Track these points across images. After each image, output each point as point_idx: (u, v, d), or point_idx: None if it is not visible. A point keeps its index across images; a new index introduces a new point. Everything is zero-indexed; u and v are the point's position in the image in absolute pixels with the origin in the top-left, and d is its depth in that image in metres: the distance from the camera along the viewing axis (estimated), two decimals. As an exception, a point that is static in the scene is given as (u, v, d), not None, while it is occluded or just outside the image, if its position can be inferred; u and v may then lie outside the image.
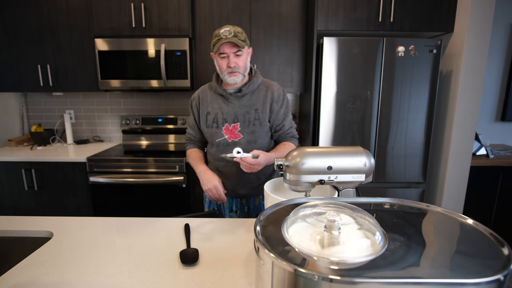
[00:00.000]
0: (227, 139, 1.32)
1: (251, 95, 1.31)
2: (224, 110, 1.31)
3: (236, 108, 1.30)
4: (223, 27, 1.21)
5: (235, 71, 1.23)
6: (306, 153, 0.82)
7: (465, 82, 2.02)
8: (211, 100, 1.35)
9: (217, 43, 1.19)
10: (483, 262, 0.45)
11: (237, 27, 1.22)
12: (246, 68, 1.28)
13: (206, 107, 1.35)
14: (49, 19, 2.26)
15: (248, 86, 1.30)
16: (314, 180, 0.82)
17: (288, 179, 0.84)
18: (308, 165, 0.81)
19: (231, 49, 1.20)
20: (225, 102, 1.32)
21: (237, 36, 1.19)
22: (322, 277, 0.41)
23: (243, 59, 1.25)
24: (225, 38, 1.17)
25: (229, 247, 0.92)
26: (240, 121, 1.30)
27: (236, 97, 1.30)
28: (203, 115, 1.36)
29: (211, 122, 1.34)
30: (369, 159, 0.83)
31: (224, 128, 1.32)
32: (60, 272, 0.80)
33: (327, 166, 0.81)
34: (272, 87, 1.33)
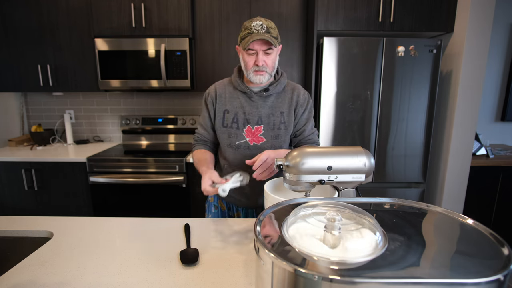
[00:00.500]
0: (249, 143, 1.19)
1: (277, 96, 1.20)
2: (247, 109, 1.18)
3: (260, 108, 1.17)
4: (254, 19, 1.07)
5: (262, 70, 1.10)
6: (306, 153, 0.82)
7: (465, 82, 2.02)
8: (230, 97, 1.20)
9: (246, 37, 1.06)
10: (483, 262, 0.45)
11: (270, 21, 1.09)
12: (275, 68, 1.16)
13: (224, 104, 1.20)
14: (49, 19, 2.26)
15: (275, 86, 1.18)
16: (314, 180, 0.82)
17: (288, 179, 0.84)
18: (308, 165, 0.81)
19: (261, 46, 1.07)
20: (247, 101, 1.18)
21: (270, 32, 1.07)
22: (322, 277, 0.41)
23: (273, 58, 1.12)
24: (257, 33, 1.04)
25: (229, 247, 0.92)
26: (264, 124, 1.18)
27: (261, 96, 1.18)
28: (220, 112, 1.21)
29: (230, 122, 1.19)
30: (369, 159, 0.83)
31: (245, 129, 1.18)
32: (60, 272, 0.80)
33: (327, 166, 0.81)
34: (298, 90, 1.23)
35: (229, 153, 1.21)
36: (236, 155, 1.20)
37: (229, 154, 1.21)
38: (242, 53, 1.12)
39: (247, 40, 1.05)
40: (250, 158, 1.17)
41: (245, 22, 1.10)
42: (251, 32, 1.05)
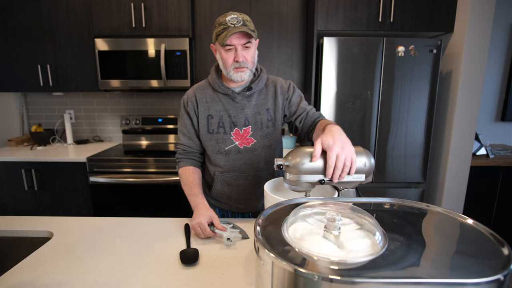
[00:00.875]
0: (239, 146, 1.13)
1: (259, 93, 1.15)
2: (231, 112, 1.12)
3: (245, 109, 1.12)
4: (228, 14, 1.02)
5: (243, 67, 1.04)
6: (306, 153, 0.82)
7: (465, 82, 2.02)
8: (211, 101, 1.13)
9: (223, 32, 1.00)
10: (483, 262, 0.45)
11: (244, 15, 1.04)
12: (255, 63, 1.09)
13: (207, 109, 1.13)
14: (49, 19, 2.26)
15: (257, 83, 1.13)
16: (314, 180, 0.82)
17: (288, 179, 0.84)
18: (308, 165, 0.80)
19: (239, 40, 1.01)
20: (231, 103, 1.12)
21: (246, 25, 1.01)
22: (322, 277, 0.41)
23: (252, 53, 1.06)
24: (234, 27, 0.99)
25: (229, 247, 0.92)
26: (252, 124, 1.13)
27: (244, 96, 1.12)
28: (203, 119, 1.13)
29: (215, 127, 1.12)
30: (369, 159, 0.83)
31: (233, 133, 1.13)
32: (60, 272, 0.80)
33: None
34: (279, 82, 1.18)
35: (219, 159, 1.15)
36: (227, 161, 1.14)
37: (220, 161, 1.15)
38: (219, 50, 1.06)
39: (224, 35, 0.99)
40: (242, 162, 1.14)
41: (218, 18, 1.04)
42: (227, 27, 0.99)
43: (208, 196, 1.24)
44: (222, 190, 1.18)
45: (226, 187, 1.17)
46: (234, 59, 1.03)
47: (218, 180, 1.17)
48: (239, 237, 0.97)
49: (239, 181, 1.16)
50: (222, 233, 0.95)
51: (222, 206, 1.24)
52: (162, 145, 2.57)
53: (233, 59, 1.04)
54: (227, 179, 1.16)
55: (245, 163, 1.15)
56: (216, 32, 1.04)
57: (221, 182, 1.17)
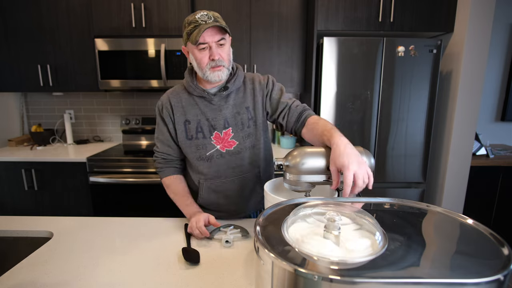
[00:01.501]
0: (220, 150, 1.07)
1: (237, 92, 1.09)
2: (209, 115, 1.06)
3: (224, 110, 1.06)
4: (197, 12, 0.96)
5: (219, 65, 0.99)
6: (306, 153, 0.82)
7: (465, 82, 2.02)
8: (187, 105, 1.07)
9: (194, 30, 0.95)
10: (483, 262, 0.45)
11: (214, 12, 0.99)
12: (231, 61, 1.04)
13: (183, 114, 1.07)
14: (49, 19, 2.26)
15: (234, 82, 1.07)
16: (314, 180, 0.82)
17: (288, 179, 0.84)
18: (308, 165, 0.80)
19: (213, 37, 0.96)
20: (208, 106, 1.07)
21: (218, 22, 0.96)
22: (322, 277, 0.41)
23: (227, 50, 1.01)
24: (205, 23, 0.93)
25: (229, 247, 0.92)
26: (232, 125, 1.07)
27: (221, 97, 1.06)
28: (180, 125, 1.08)
29: (194, 133, 1.07)
30: (369, 159, 0.83)
31: (213, 137, 1.07)
32: (60, 272, 0.80)
33: (327, 166, 0.81)
34: (257, 77, 1.12)
35: (202, 166, 1.09)
36: (210, 167, 1.09)
37: (203, 168, 1.09)
38: (192, 51, 1.01)
39: (196, 33, 0.93)
40: (225, 166, 1.09)
41: (187, 17, 0.99)
42: (198, 24, 0.94)
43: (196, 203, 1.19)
44: (209, 198, 1.13)
45: (213, 194, 1.12)
46: (209, 57, 0.98)
47: (204, 188, 1.12)
48: (239, 236, 0.97)
49: (225, 186, 1.11)
50: (221, 236, 0.95)
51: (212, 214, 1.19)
52: (162, 145, 2.57)
53: (209, 58, 0.98)
54: (213, 186, 1.11)
55: (229, 167, 1.09)
56: (186, 31, 0.98)
57: (207, 190, 1.12)
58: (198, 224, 0.95)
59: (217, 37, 0.97)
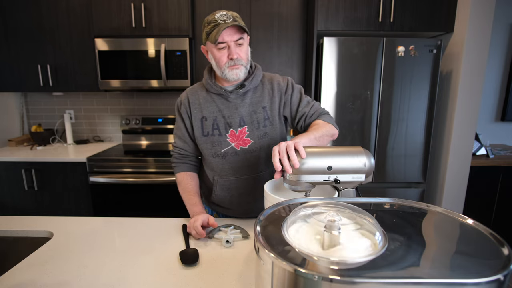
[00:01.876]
0: (235, 148, 1.08)
1: (254, 91, 1.09)
2: (225, 112, 1.08)
3: (239, 108, 1.07)
4: (217, 12, 0.98)
5: (238, 64, 1.00)
6: (306, 153, 0.82)
7: (465, 82, 2.02)
8: (205, 102, 1.09)
9: (213, 29, 0.96)
10: (483, 262, 0.45)
11: (233, 12, 1.00)
12: (249, 60, 1.05)
13: (200, 111, 1.09)
14: (49, 19, 2.26)
15: (251, 80, 1.07)
16: (314, 180, 0.82)
17: (288, 179, 0.84)
18: (308, 165, 0.80)
19: (231, 36, 0.97)
20: (224, 103, 1.08)
21: (237, 21, 0.97)
22: (322, 277, 0.41)
23: (245, 49, 1.02)
24: (225, 23, 0.95)
25: (229, 247, 0.92)
26: (248, 124, 1.07)
27: (237, 95, 1.07)
28: (197, 121, 1.10)
29: (210, 129, 1.08)
30: (369, 159, 0.83)
31: (229, 134, 1.08)
32: (60, 272, 0.80)
33: (327, 166, 0.81)
34: (277, 78, 1.12)
35: (216, 163, 1.11)
36: (224, 164, 1.10)
37: (217, 164, 1.11)
38: (211, 50, 1.02)
39: (215, 32, 0.95)
40: (240, 164, 1.11)
41: (206, 17, 1.00)
42: (217, 24, 0.95)
43: (209, 202, 1.21)
44: (222, 195, 1.14)
45: (226, 192, 1.13)
46: (228, 57, 1.00)
47: (218, 185, 1.13)
48: (239, 237, 0.97)
49: (238, 185, 1.11)
50: (221, 236, 0.95)
51: (224, 212, 1.21)
52: (162, 145, 2.57)
53: (227, 57, 1.00)
54: (226, 183, 1.12)
55: (243, 165, 1.10)
56: (206, 31, 0.99)
57: (221, 187, 1.13)
58: (194, 224, 0.96)
59: (236, 37, 0.98)
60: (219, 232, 1.00)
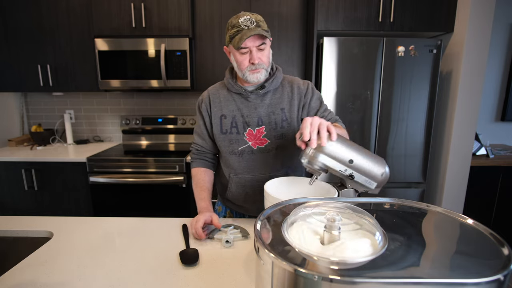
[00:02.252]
0: (252, 147, 1.10)
1: (274, 92, 1.12)
2: (244, 111, 1.10)
3: (258, 108, 1.09)
4: (241, 15, 0.98)
5: (259, 68, 1.03)
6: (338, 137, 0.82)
7: (465, 82, 2.02)
8: (225, 101, 1.12)
9: (237, 35, 0.97)
10: (483, 262, 0.45)
11: (257, 15, 1.00)
12: (270, 62, 1.07)
13: (220, 109, 1.12)
14: (49, 19, 2.26)
15: (272, 82, 1.09)
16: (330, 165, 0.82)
17: (307, 152, 0.83)
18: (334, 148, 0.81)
19: (254, 42, 0.98)
20: (244, 103, 1.10)
21: (260, 26, 0.98)
22: (322, 277, 0.41)
23: (267, 53, 1.04)
24: (248, 29, 0.96)
25: (229, 247, 0.92)
26: (265, 124, 1.10)
27: (257, 95, 1.09)
28: (216, 119, 1.12)
29: (229, 127, 1.11)
30: (387, 172, 0.84)
31: (246, 133, 1.10)
32: (60, 272, 0.80)
33: (349, 159, 0.81)
34: (297, 82, 1.14)
35: (233, 160, 1.13)
36: (241, 162, 1.12)
37: (234, 162, 1.13)
38: (233, 53, 1.04)
39: (238, 38, 0.96)
40: (256, 163, 1.12)
41: (230, 19, 1.01)
42: (240, 29, 0.97)
43: (224, 198, 1.22)
44: (237, 192, 1.16)
45: (241, 189, 1.14)
46: (249, 61, 1.02)
47: (233, 183, 1.15)
48: (239, 236, 0.97)
49: (253, 183, 1.13)
50: (221, 237, 0.95)
51: (237, 210, 1.21)
52: (162, 145, 2.57)
53: (249, 62, 1.02)
54: (242, 181, 1.14)
55: (259, 164, 1.12)
56: (229, 34, 1.00)
57: (236, 184, 1.15)
58: (196, 225, 0.96)
59: (258, 42, 1.00)
60: (219, 232, 1.00)
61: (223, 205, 1.26)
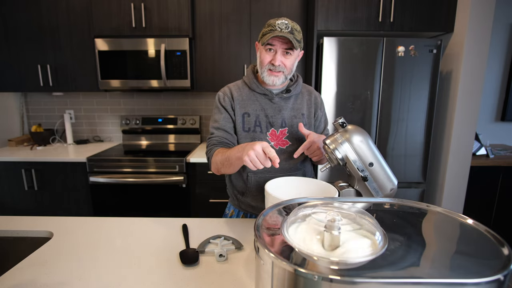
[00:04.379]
0: (274, 147, 1.13)
1: (296, 98, 1.16)
2: (269, 112, 1.12)
3: (283, 111, 1.13)
4: (281, 18, 1.02)
5: (279, 71, 1.05)
6: (368, 137, 0.85)
7: (465, 82, 2.02)
8: (248, 99, 1.13)
9: (268, 33, 1.00)
10: (483, 262, 0.45)
11: (296, 24, 1.03)
12: (292, 71, 1.09)
13: (243, 107, 1.12)
14: (49, 19, 2.26)
15: (295, 87, 1.15)
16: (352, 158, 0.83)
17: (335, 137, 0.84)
18: (363, 143, 0.82)
19: (281, 44, 1.02)
20: (268, 104, 1.13)
21: (293, 34, 1.00)
22: (322, 277, 0.41)
23: (292, 61, 1.06)
24: (280, 31, 0.99)
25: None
26: (288, 126, 1.13)
27: (281, 98, 1.13)
28: (239, 116, 1.12)
29: (252, 126, 1.12)
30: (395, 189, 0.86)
31: (269, 133, 1.12)
32: (60, 272, 0.80)
33: (370, 162, 0.82)
34: (314, 92, 1.21)
35: None
36: None
37: None
38: (260, 49, 1.07)
39: (268, 35, 1.00)
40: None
41: (270, 20, 1.04)
42: (274, 29, 1.00)
43: (240, 201, 1.20)
44: (256, 192, 1.15)
45: (261, 188, 1.13)
46: (271, 61, 1.04)
47: (252, 181, 1.14)
48: (233, 248, 0.91)
49: None
50: (212, 250, 0.88)
51: (254, 211, 1.19)
52: (162, 145, 2.57)
53: (270, 61, 1.04)
54: (261, 180, 1.12)
55: (280, 163, 1.08)
56: (262, 31, 1.05)
57: (255, 183, 1.13)
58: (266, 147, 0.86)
59: (285, 46, 1.02)
60: (209, 244, 0.93)
61: (237, 209, 1.24)
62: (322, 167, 0.92)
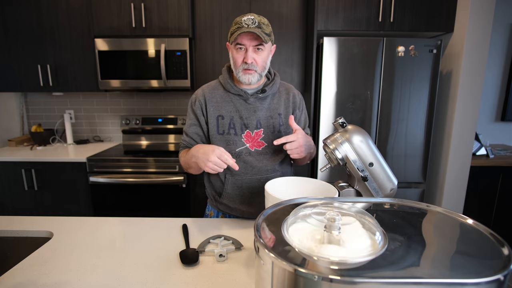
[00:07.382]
0: (249, 148, 1.11)
1: (272, 97, 1.14)
2: (243, 113, 1.10)
3: (258, 111, 1.10)
4: (246, 14, 1.00)
5: (251, 69, 1.03)
6: (369, 137, 0.85)
7: (465, 82, 2.02)
8: (222, 101, 1.11)
9: (235, 31, 0.99)
10: (483, 262, 0.45)
11: (263, 17, 1.01)
12: (265, 67, 1.08)
13: (217, 109, 1.11)
14: (49, 19, 2.26)
15: (271, 86, 1.12)
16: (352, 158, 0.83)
17: (335, 137, 0.84)
18: (363, 143, 0.82)
19: (251, 41, 1.00)
20: (243, 104, 1.10)
21: (261, 28, 0.99)
22: (322, 277, 0.41)
23: (263, 57, 1.04)
24: (247, 27, 0.97)
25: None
26: (264, 127, 1.11)
27: (257, 98, 1.11)
28: (213, 119, 1.11)
29: (226, 128, 1.10)
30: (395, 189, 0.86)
31: (244, 135, 1.11)
32: (60, 272, 0.80)
33: (370, 162, 0.82)
34: (292, 91, 1.18)
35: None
36: (238, 163, 1.08)
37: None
38: (231, 49, 1.05)
39: (236, 34, 0.98)
40: (253, 165, 1.11)
41: (236, 18, 1.03)
42: (240, 26, 0.98)
43: (218, 202, 1.19)
44: (233, 193, 1.14)
45: (237, 190, 1.13)
46: (243, 60, 1.03)
47: (229, 184, 1.13)
48: (233, 248, 0.91)
49: (250, 184, 1.12)
50: (212, 249, 0.88)
51: (232, 212, 1.18)
52: (162, 145, 2.57)
53: (242, 60, 1.03)
54: (238, 182, 1.12)
55: (256, 165, 1.12)
56: (230, 30, 1.03)
57: (232, 185, 1.13)
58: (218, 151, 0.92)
59: (255, 42, 1.01)
60: (208, 245, 0.93)
61: (215, 210, 1.22)
62: (322, 168, 0.92)
